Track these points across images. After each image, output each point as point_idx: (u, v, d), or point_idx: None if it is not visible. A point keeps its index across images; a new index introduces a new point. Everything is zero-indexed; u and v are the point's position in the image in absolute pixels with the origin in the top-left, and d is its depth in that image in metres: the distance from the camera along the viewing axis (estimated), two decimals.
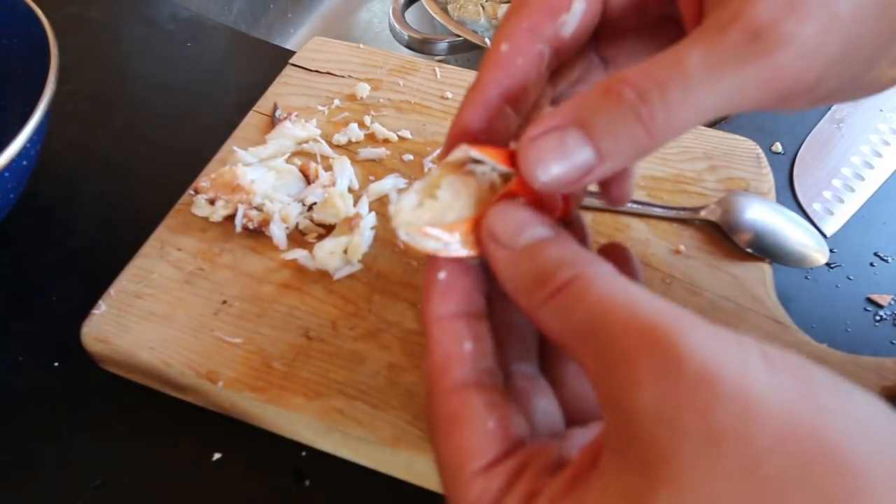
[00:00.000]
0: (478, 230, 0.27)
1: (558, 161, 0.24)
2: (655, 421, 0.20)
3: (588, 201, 0.47)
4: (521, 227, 0.25)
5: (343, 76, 0.55)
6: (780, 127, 0.55)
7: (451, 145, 0.28)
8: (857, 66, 0.25)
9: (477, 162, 0.27)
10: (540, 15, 0.26)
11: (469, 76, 0.54)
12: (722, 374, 0.20)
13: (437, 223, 0.27)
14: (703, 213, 0.46)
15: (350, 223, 0.44)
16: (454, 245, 0.27)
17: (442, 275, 0.27)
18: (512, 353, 0.29)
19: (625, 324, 0.21)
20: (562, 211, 0.28)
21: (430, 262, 0.28)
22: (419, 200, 0.27)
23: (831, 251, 0.47)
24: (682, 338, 0.21)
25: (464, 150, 0.27)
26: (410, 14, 0.73)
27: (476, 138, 0.28)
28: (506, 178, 0.27)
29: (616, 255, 0.31)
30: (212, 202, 0.46)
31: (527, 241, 0.25)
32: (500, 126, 0.28)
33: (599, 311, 0.22)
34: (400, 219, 0.27)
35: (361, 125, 0.51)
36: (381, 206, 0.47)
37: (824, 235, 0.48)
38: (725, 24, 0.23)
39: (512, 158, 0.27)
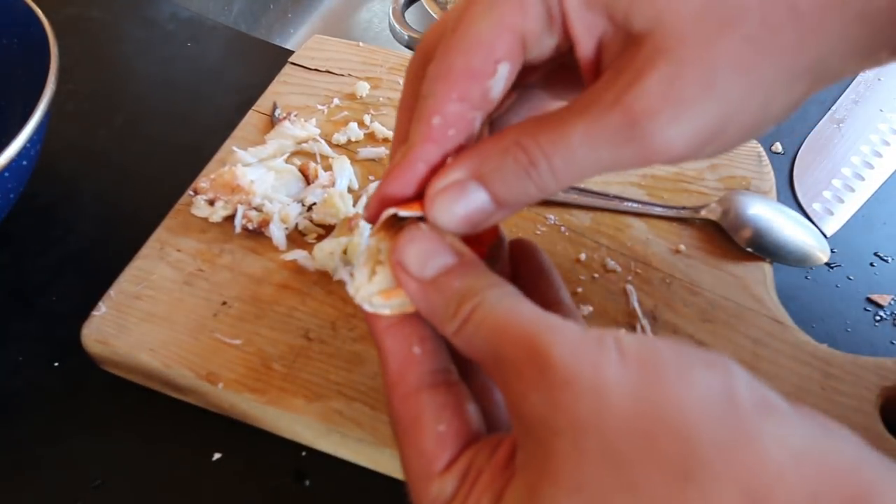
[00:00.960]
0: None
1: (461, 209, 0.27)
2: (539, 423, 0.23)
3: (588, 201, 0.47)
4: (427, 256, 0.28)
5: (343, 75, 0.55)
6: (781, 127, 0.55)
7: (376, 208, 0.30)
8: (739, 133, 0.27)
9: (404, 218, 0.29)
10: (467, 83, 0.27)
11: None
12: (580, 373, 0.22)
13: (390, 287, 0.29)
14: (703, 213, 0.46)
15: (350, 223, 0.44)
16: (406, 303, 0.29)
17: (371, 307, 0.30)
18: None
19: (513, 342, 0.24)
20: (490, 235, 0.31)
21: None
22: (370, 272, 0.30)
23: (831, 251, 0.47)
24: (551, 347, 0.23)
25: (391, 212, 0.29)
26: (410, 14, 0.73)
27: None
28: None
29: (522, 250, 0.34)
30: (211, 203, 0.46)
31: (433, 271, 0.27)
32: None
33: (496, 334, 0.25)
34: (361, 296, 0.29)
35: (361, 124, 0.51)
36: None
37: (824, 235, 0.48)
38: (607, 107, 0.26)
39: None
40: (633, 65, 0.25)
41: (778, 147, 0.53)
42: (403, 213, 0.29)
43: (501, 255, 0.33)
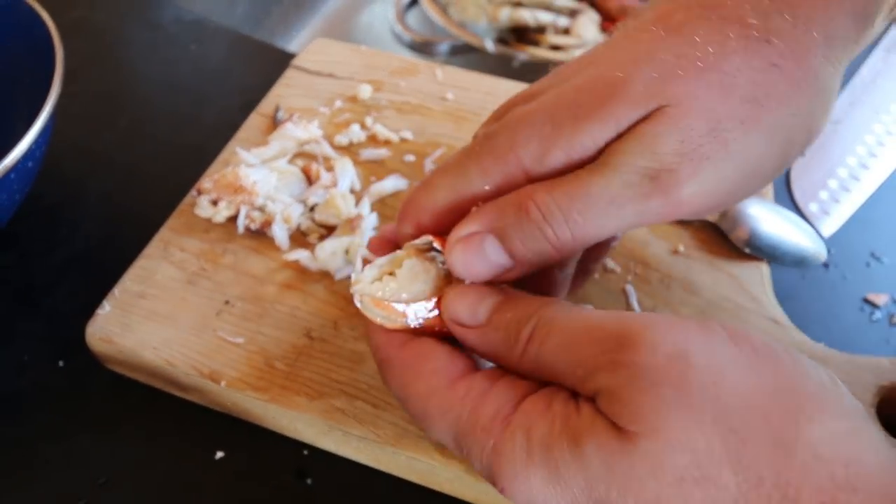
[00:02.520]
0: (440, 318, 0.30)
1: (478, 264, 0.28)
2: (637, 391, 0.23)
3: None
4: (477, 304, 0.29)
5: (345, 77, 0.55)
6: None
7: (408, 219, 0.31)
8: (755, 185, 0.29)
9: (437, 251, 0.31)
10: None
11: (469, 78, 0.55)
12: (691, 350, 0.24)
13: (390, 298, 0.30)
14: None
15: (351, 224, 0.45)
16: (400, 320, 0.30)
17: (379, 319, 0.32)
18: None
19: (593, 339, 0.25)
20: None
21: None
22: (379, 275, 0.31)
23: (828, 251, 0.47)
24: (649, 329, 0.24)
25: (428, 240, 0.30)
26: (412, 16, 0.73)
27: (439, 227, 0.31)
28: None
29: None
30: (215, 203, 0.47)
31: (486, 313, 0.28)
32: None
33: (567, 341, 0.26)
34: (357, 287, 0.31)
35: (363, 126, 0.52)
36: (382, 206, 0.48)
37: (821, 236, 0.48)
38: (623, 163, 0.27)
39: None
40: (645, 127, 0.27)
41: None
42: (437, 244, 0.30)
43: None
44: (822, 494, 0.22)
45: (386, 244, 0.33)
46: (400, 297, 0.30)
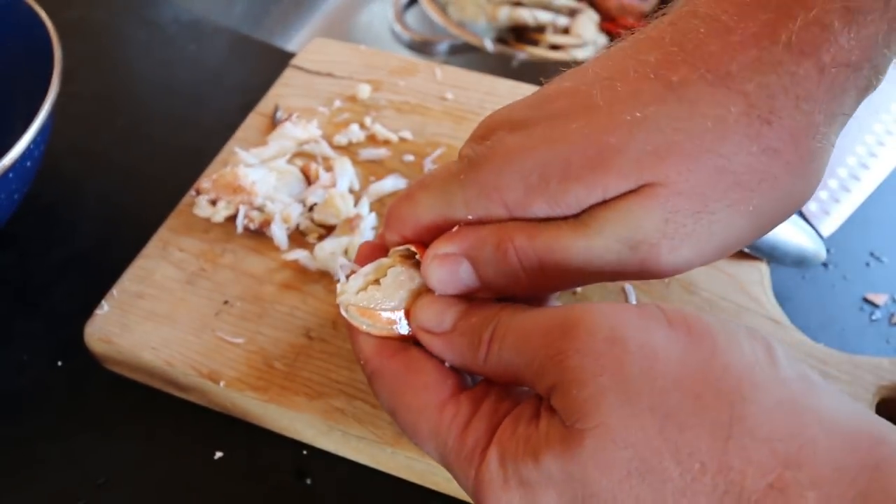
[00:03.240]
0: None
1: (451, 282, 0.30)
2: (579, 386, 0.24)
3: None
4: (443, 312, 0.30)
5: (344, 77, 0.55)
6: None
7: (392, 230, 0.32)
8: (730, 251, 0.30)
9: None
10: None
11: (469, 77, 0.55)
12: (627, 334, 0.24)
13: (376, 307, 0.31)
14: None
15: (351, 224, 0.45)
16: (388, 328, 0.31)
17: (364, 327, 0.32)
18: None
19: (543, 332, 0.26)
20: None
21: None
22: (364, 284, 0.32)
23: (828, 251, 0.47)
24: (588, 315, 0.25)
25: (411, 249, 0.32)
26: (411, 15, 0.73)
27: (421, 238, 0.32)
28: None
29: None
30: (213, 203, 0.46)
31: (451, 321, 0.29)
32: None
33: (523, 337, 0.27)
34: (343, 298, 0.32)
35: (362, 126, 0.52)
36: (381, 206, 0.48)
37: (821, 235, 0.48)
38: (608, 230, 0.27)
39: None
40: (632, 201, 0.27)
41: None
42: (419, 256, 0.31)
43: None
44: (768, 475, 0.21)
45: (379, 251, 0.34)
46: (386, 306, 0.31)
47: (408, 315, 0.31)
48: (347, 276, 0.33)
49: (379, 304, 0.31)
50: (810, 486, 0.21)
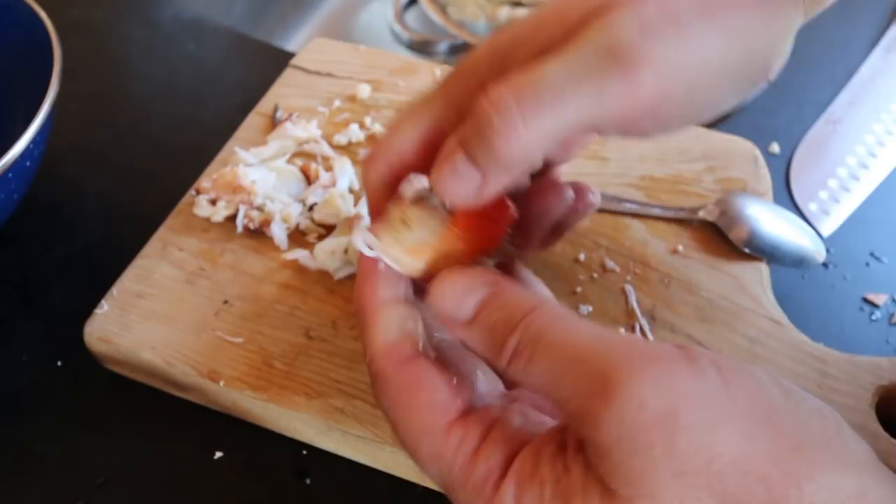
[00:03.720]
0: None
1: (455, 185, 0.27)
2: (626, 453, 0.22)
3: None
4: (463, 296, 0.27)
5: (344, 77, 0.55)
6: (777, 128, 0.55)
7: (377, 162, 0.31)
8: (715, 96, 0.28)
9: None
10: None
11: None
12: (680, 410, 0.21)
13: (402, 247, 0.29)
14: (701, 214, 0.47)
15: (350, 223, 0.45)
16: (408, 264, 0.29)
17: (382, 265, 0.29)
18: (434, 325, 0.31)
19: (578, 376, 0.23)
20: (508, 220, 0.30)
21: (369, 259, 0.30)
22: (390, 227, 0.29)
23: (827, 251, 0.47)
24: (633, 386, 0.22)
25: (418, 181, 0.29)
26: (410, 15, 0.73)
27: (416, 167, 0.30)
28: None
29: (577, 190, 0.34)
30: (213, 202, 0.46)
31: (470, 310, 0.27)
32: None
33: (555, 367, 0.24)
34: (377, 244, 0.29)
35: (362, 126, 0.52)
36: None
37: (821, 235, 0.48)
38: (581, 44, 0.25)
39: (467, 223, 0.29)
40: (605, 14, 0.26)
41: (774, 148, 0.54)
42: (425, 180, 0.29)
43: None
44: None
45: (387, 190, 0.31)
46: (409, 243, 0.29)
47: (428, 276, 0.28)
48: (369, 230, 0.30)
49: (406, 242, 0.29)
50: None
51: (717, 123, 0.54)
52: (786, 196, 0.51)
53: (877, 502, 0.21)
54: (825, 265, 0.47)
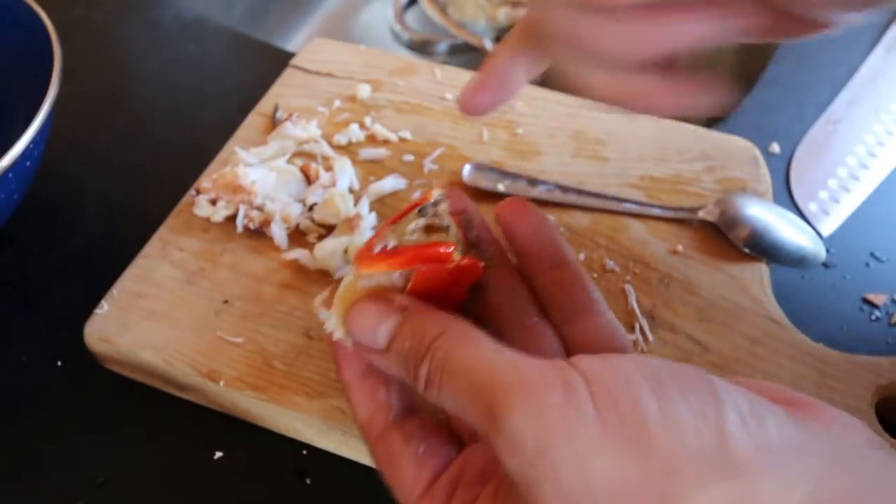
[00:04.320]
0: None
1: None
2: (524, 486, 0.22)
3: (587, 202, 0.47)
4: (376, 325, 0.27)
5: (344, 77, 0.55)
6: (777, 128, 0.55)
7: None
8: None
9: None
10: None
11: (468, 77, 0.55)
12: (552, 444, 0.21)
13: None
14: (700, 214, 0.47)
15: (350, 223, 0.45)
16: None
17: (348, 342, 0.29)
18: None
19: (476, 407, 0.23)
20: (469, 280, 0.30)
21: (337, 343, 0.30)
22: (341, 317, 0.29)
23: (827, 251, 0.47)
24: (513, 414, 0.22)
25: (355, 275, 0.29)
26: (410, 15, 0.73)
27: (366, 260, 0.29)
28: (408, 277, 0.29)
29: (512, 212, 0.34)
30: (213, 202, 0.46)
31: (384, 338, 0.27)
32: None
33: (459, 397, 0.24)
34: (338, 334, 0.29)
35: (362, 126, 0.52)
36: (381, 206, 0.48)
37: (820, 235, 0.48)
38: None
39: (401, 261, 0.28)
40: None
41: (774, 148, 0.54)
42: (366, 273, 0.29)
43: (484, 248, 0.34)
44: None
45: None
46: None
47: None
48: (328, 309, 0.30)
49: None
50: None
51: (717, 124, 0.54)
52: (786, 196, 0.51)
53: (765, 499, 0.20)
54: (825, 265, 0.47)
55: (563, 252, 0.33)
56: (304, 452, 0.40)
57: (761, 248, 0.45)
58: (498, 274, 0.33)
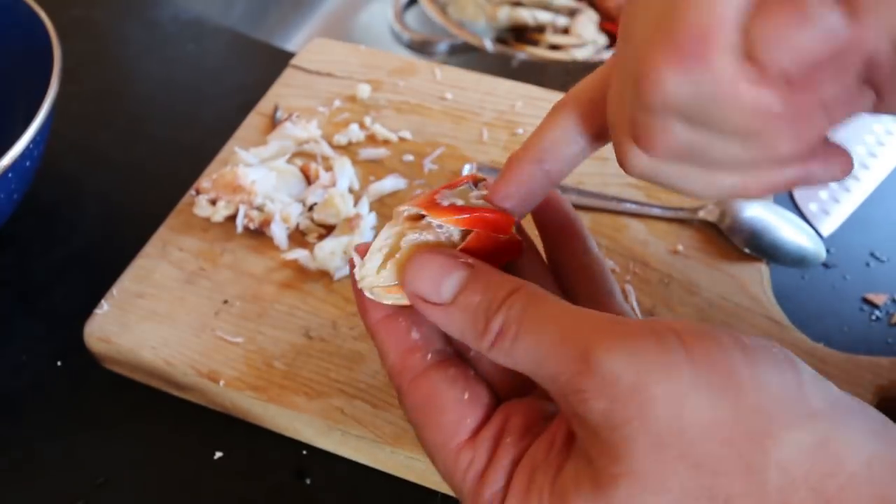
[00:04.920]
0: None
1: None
2: (608, 429, 0.22)
3: (587, 201, 0.47)
4: (441, 278, 0.27)
5: (343, 77, 0.55)
6: None
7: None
8: None
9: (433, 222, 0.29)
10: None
11: (468, 77, 0.55)
12: (649, 381, 0.22)
13: (395, 284, 0.28)
14: (701, 214, 0.47)
15: (350, 223, 0.45)
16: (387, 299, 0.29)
17: (381, 297, 0.29)
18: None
19: (560, 353, 0.24)
20: (511, 256, 0.30)
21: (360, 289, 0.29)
22: (383, 260, 0.29)
23: (827, 251, 0.47)
24: (608, 356, 0.23)
25: (419, 212, 0.28)
26: (410, 15, 0.73)
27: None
28: (464, 234, 0.29)
29: (546, 204, 0.33)
30: (213, 202, 0.46)
31: (450, 292, 0.26)
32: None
33: (538, 346, 0.24)
34: (365, 283, 0.29)
35: (362, 126, 0.52)
36: (381, 206, 0.48)
37: (821, 235, 0.48)
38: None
39: (472, 222, 0.28)
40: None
41: None
42: (432, 219, 0.28)
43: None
44: None
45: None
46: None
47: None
48: (362, 257, 0.29)
49: (395, 279, 0.28)
50: None
51: None
52: (786, 196, 0.51)
53: (842, 445, 0.21)
54: (825, 265, 0.47)
55: (590, 240, 0.33)
56: (304, 452, 0.40)
57: (761, 248, 0.45)
58: (528, 258, 0.32)
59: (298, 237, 0.46)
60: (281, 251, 0.45)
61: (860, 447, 0.21)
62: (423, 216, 0.29)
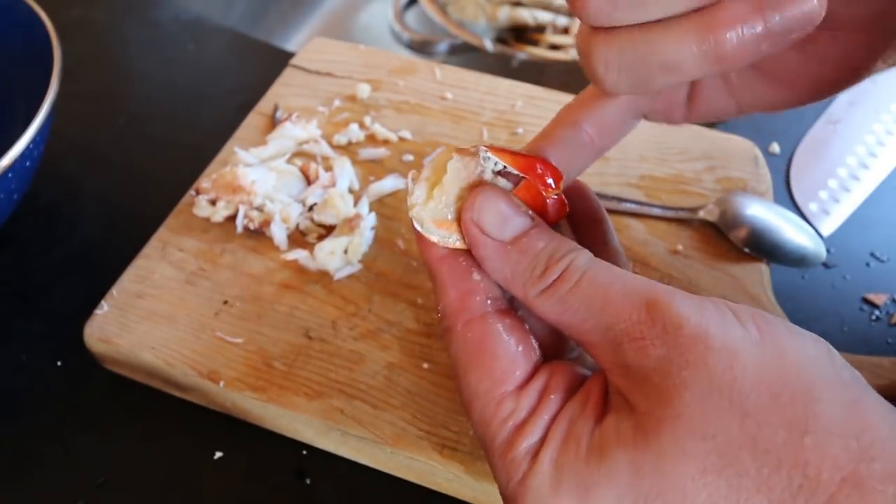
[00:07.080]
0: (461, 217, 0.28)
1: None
2: (662, 375, 0.24)
3: None
4: (507, 217, 0.27)
5: (343, 77, 0.55)
6: (777, 128, 0.55)
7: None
8: None
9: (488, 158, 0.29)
10: None
11: (468, 77, 0.55)
12: (710, 332, 0.24)
13: (443, 216, 0.28)
14: (701, 214, 0.46)
15: (350, 223, 0.45)
16: (454, 239, 0.28)
17: (432, 234, 0.29)
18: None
19: (623, 303, 0.25)
20: (555, 218, 0.30)
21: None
22: (426, 195, 0.29)
23: (828, 251, 0.47)
24: (676, 306, 0.24)
25: (483, 148, 0.28)
26: (410, 15, 0.73)
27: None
28: (507, 179, 0.29)
29: (574, 192, 0.34)
30: (213, 203, 0.46)
31: (514, 231, 0.27)
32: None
33: (599, 295, 0.26)
34: (414, 212, 0.28)
35: (362, 126, 0.52)
36: (381, 206, 0.48)
37: (821, 235, 0.48)
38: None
39: (525, 166, 0.28)
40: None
41: (775, 148, 0.54)
42: (495, 159, 0.28)
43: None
44: (842, 469, 0.22)
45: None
46: (451, 202, 0.28)
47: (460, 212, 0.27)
48: (414, 183, 0.29)
49: (447, 207, 0.28)
50: (886, 479, 0.22)
51: (717, 124, 0.54)
52: (786, 196, 0.51)
53: (870, 409, 0.23)
54: (825, 265, 0.47)
55: (611, 232, 0.34)
56: (304, 452, 0.40)
57: (761, 248, 0.45)
58: (562, 232, 0.33)
59: (298, 237, 0.46)
60: (281, 251, 0.45)
61: (885, 414, 0.23)
62: (474, 151, 0.28)
